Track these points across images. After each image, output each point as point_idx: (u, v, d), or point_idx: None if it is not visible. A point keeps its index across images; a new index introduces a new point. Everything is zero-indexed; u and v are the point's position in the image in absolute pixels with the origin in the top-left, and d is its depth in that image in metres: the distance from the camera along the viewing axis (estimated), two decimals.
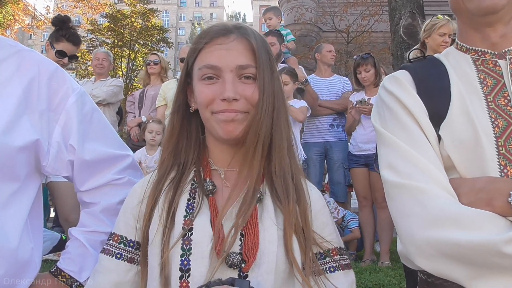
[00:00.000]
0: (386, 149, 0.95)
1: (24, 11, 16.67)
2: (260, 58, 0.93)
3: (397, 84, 1.00)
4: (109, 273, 0.95)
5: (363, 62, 3.83)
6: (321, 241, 0.94)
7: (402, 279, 3.04)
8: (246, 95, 0.91)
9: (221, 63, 0.91)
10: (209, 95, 0.92)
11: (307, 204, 0.94)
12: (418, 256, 0.83)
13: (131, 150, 1.22)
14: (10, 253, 0.95)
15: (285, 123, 0.97)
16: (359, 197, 3.93)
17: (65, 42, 3.32)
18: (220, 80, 0.92)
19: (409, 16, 5.59)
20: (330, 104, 4.40)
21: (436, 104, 0.95)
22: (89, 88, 4.55)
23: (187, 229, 0.88)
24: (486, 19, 0.95)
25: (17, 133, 0.96)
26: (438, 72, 1.00)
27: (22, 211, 1.00)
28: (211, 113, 0.93)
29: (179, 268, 0.86)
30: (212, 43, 0.94)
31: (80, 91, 1.10)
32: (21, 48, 1.05)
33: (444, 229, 0.79)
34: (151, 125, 3.86)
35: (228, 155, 0.98)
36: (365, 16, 11.50)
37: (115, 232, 0.99)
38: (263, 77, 0.92)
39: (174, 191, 0.94)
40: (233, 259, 0.85)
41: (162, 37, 19.15)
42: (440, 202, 0.83)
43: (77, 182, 1.11)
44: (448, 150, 0.90)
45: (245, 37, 0.94)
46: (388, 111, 0.98)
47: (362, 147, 3.79)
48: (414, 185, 0.86)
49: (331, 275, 0.95)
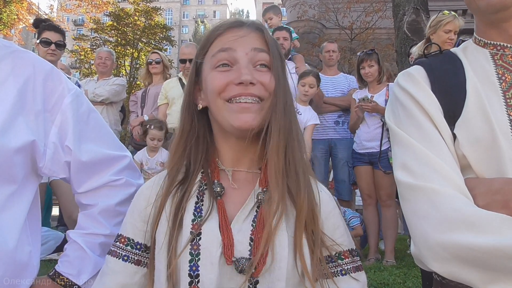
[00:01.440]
0: (400, 148, 0.92)
1: (28, 10, 16.72)
2: (273, 49, 0.93)
3: (411, 81, 0.97)
4: (116, 275, 0.93)
5: (367, 57, 3.80)
6: (331, 243, 0.92)
7: (407, 278, 3.02)
8: (263, 81, 0.90)
9: (236, 46, 0.91)
10: (223, 80, 0.90)
11: (316, 204, 0.92)
12: (431, 259, 0.81)
13: (134, 149, 1.21)
14: (8, 256, 0.93)
15: (294, 119, 0.95)
16: (363, 195, 3.90)
17: (47, 31, 3.52)
18: (234, 68, 0.91)
19: (413, 12, 5.55)
20: (334, 101, 4.38)
21: (451, 101, 0.92)
22: (92, 87, 4.56)
23: (195, 234, 0.86)
24: (498, 16, 0.92)
25: (13, 135, 0.94)
26: (453, 68, 0.97)
27: (20, 214, 0.98)
28: (224, 101, 0.90)
29: (188, 274, 0.83)
30: (226, 33, 0.94)
31: (76, 92, 1.08)
32: (16, 48, 1.04)
33: (458, 232, 0.77)
34: (153, 132, 3.76)
35: (237, 152, 0.95)
36: (369, 13, 11.44)
37: (122, 233, 0.97)
38: (277, 67, 0.92)
39: (181, 194, 0.92)
40: (242, 264, 0.83)
41: (165, 35, 19.18)
42: (454, 204, 0.80)
43: (74, 184, 1.10)
44: (463, 149, 0.87)
45: (258, 28, 0.95)
46: (402, 109, 0.96)
47: (366, 145, 3.77)
48: (429, 186, 0.83)
49: (342, 278, 0.92)
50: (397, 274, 3.10)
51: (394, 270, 3.24)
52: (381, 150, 3.64)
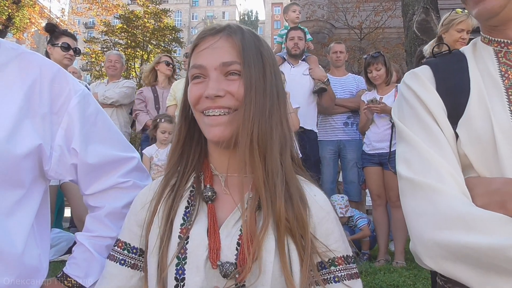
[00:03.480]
0: (403, 144, 0.94)
1: (40, 14, 16.92)
2: (246, 55, 0.91)
3: (416, 80, 0.99)
4: (113, 279, 0.96)
5: (374, 61, 3.79)
6: (324, 250, 0.89)
7: (417, 279, 2.99)
8: (231, 91, 0.90)
9: (206, 62, 0.92)
10: (196, 94, 0.92)
11: (302, 209, 0.89)
12: (425, 256, 0.82)
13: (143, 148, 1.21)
14: (17, 259, 0.94)
15: (278, 123, 0.93)
16: (373, 196, 3.88)
17: (65, 37, 3.60)
18: (206, 79, 0.92)
19: (422, 11, 5.48)
20: (344, 102, 4.36)
21: (455, 101, 0.93)
22: (102, 89, 4.61)
23: (183, 238, 0.87)
24: (492, 22, 0.93)
25: (19, 139, 0.94)
26: (459, 68, 0.98)
27: (28, 218, 0.99)
28: (200, 113, 0.93)
29: (174, 277, 0.85)
30: (200, 44, 0.95)
31: (83, 93, 1.07)
32: (23, 51, 1.04)
33: (453, 230, 0.78)
34: (163, 125, 3.91)
35: (226, 158, 0.95)
36: (378, 12, 11.36)
37: (120, 238, 1.00)
38: (250, 73, 0.90)
39: (173, 198, 0.93)
40: (226, 269, 0.83)
41: (174, 37, 19.27)
42: (452, 203, 0.81)
43: (82, 186, 1.10)
44: (464, 148, 0.88)
45: (231, 35, 0.94)
46: (407, 107, 0.98)
47: (376, 146, 3.75)
48: (428, 183, 0.84)
49: (335, 285, 0.89)
50: (407, 276, 3.07)
51: (404, 271, 3.21)
52: (390, 150, 3.62)
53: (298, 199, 0.90)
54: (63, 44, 3.56)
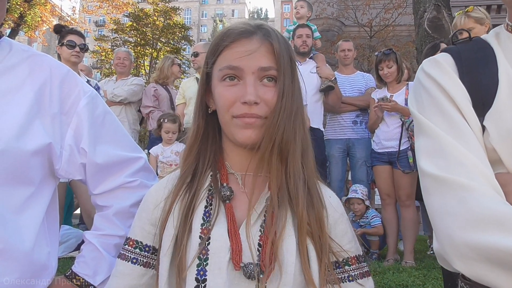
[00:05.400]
0: (424, 138, 0.86)
1: (51, 12, 17.08)
2: (282, 61, 0.90)
3: (437, 67, 0.90)
4: (124, 277, 0.95)
5: (385, 58, 3.75)
6: (339, 250, 0.91)
7: (426, 279, 2.97)
8: (266, 99, 0.89)
9: (243, 65, 0.89)
10: (230, 98, 0.90)
11: (321, 210, 0.91)
12: (456, 259, 0.75)
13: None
14: (26, 257, 0.95)
15: (300, 126, 0.93)
16: (382, 195, 3.86)
17: (71, 35, 3.66)
18: (241, 82, 0.90)
19: (433, 8, 5.42)
20: (352, 101, 4.33)
21: (481, 91, 0.85)
22: (111, 87, 4.62)
23: (205, 239, 0.86)
24: None
25: (29, 137, 0.96)
26: (484, 56, 0.90)
27: (38, 215, 1.00)
28: (232, 117, 0.90)
29: (195, 278, 0.83)
30: (234, 45, 0.92)
31: (91, 94, 1.09)
32: (34, 52, 1.06)
33: (487, 232, 0.70)
34: (167, 125, 3.92)
35: (245, 159, 0.94)
36: (388, 9, 11.27)
37: (130, 237, 0.98)
38: (284, 80, 0.90)
39: (191, 198, 0.91)
40: (250, 270, 0.82)
41: (184, 35, 19.34)
42: (484, 201, 0.73)
43: (90, 185, 1.11)
44: (493, 142, 0.81)
45: (268, 39, 0.92)
46: (426, 96, 0.89)
47: (385, 145, 3.73)
48: (456, 180, 0.76)
49: (349, 284, 0.92)
50: (417, 276, 3.05)
51: (413, 271, 3.19)
52: (399, 149, 3.59)
53: (318, 201, 0.92)
54: (68, 42, 3.59)
